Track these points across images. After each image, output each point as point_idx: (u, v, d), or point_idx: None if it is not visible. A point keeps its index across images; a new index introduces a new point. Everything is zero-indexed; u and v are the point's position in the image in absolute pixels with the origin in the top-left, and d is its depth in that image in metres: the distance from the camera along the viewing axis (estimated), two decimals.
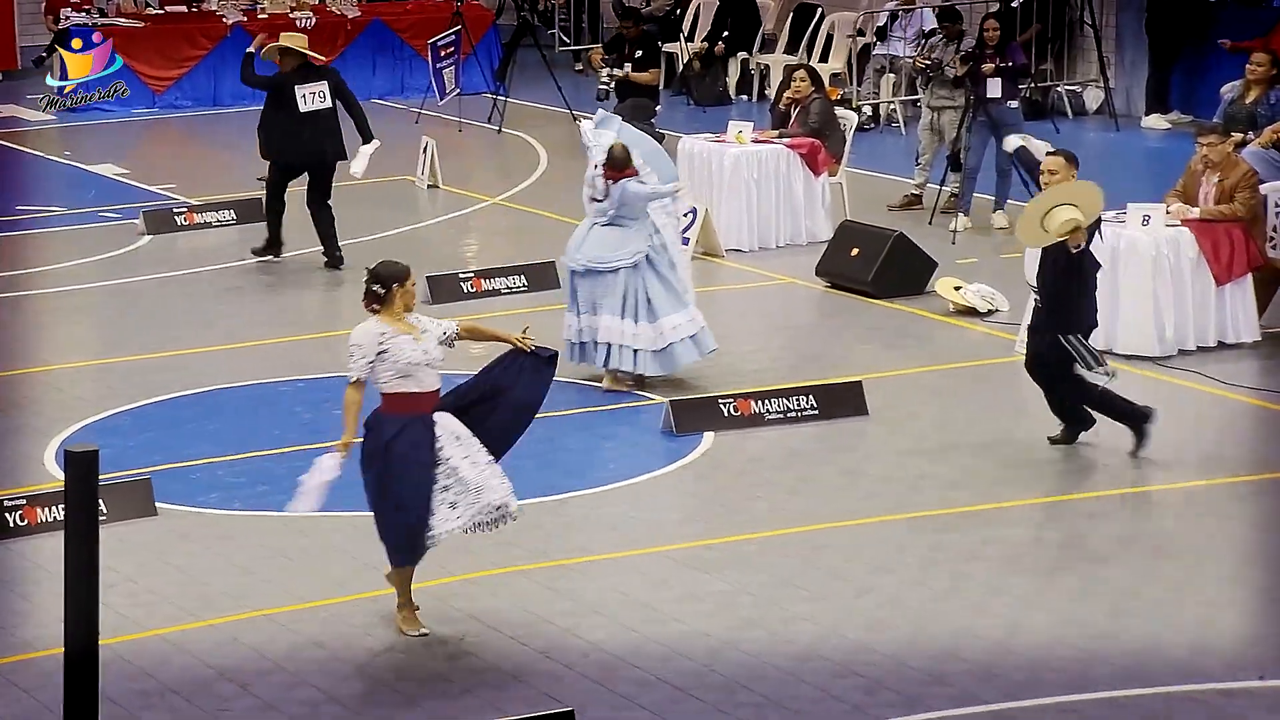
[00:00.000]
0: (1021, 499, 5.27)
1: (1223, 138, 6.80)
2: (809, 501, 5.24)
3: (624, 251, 6.05)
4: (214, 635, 4.40)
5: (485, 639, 4.38)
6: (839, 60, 11.43)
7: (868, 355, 6.66)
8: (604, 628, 4.43)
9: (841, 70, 11.27)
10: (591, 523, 4.98)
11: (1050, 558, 4.88)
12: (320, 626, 4.45)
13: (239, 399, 6.23)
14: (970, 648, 4.32)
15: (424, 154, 9.45)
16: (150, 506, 5.12)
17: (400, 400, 4.19)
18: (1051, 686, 4.12)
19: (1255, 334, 6.73)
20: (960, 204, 8.43)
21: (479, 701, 4.04)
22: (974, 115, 8.36)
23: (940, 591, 4.64)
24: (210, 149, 10.95)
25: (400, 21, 12.29)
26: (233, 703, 4.06)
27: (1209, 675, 4.14)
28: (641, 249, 6.06)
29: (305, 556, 4.88)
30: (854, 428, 5.86)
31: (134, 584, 4.67)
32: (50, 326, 7.25)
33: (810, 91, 8.40)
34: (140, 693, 4.09)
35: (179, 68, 11.80)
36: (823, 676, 4.16)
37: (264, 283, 7.77)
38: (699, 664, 4.23)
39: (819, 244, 7.92)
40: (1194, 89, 10.78)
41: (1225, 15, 10.82)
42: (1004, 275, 7.44)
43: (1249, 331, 6.72)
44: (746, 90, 11.88)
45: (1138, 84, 11.04)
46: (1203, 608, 4.54)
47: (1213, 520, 5.12)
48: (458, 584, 4.69)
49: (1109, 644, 4.33)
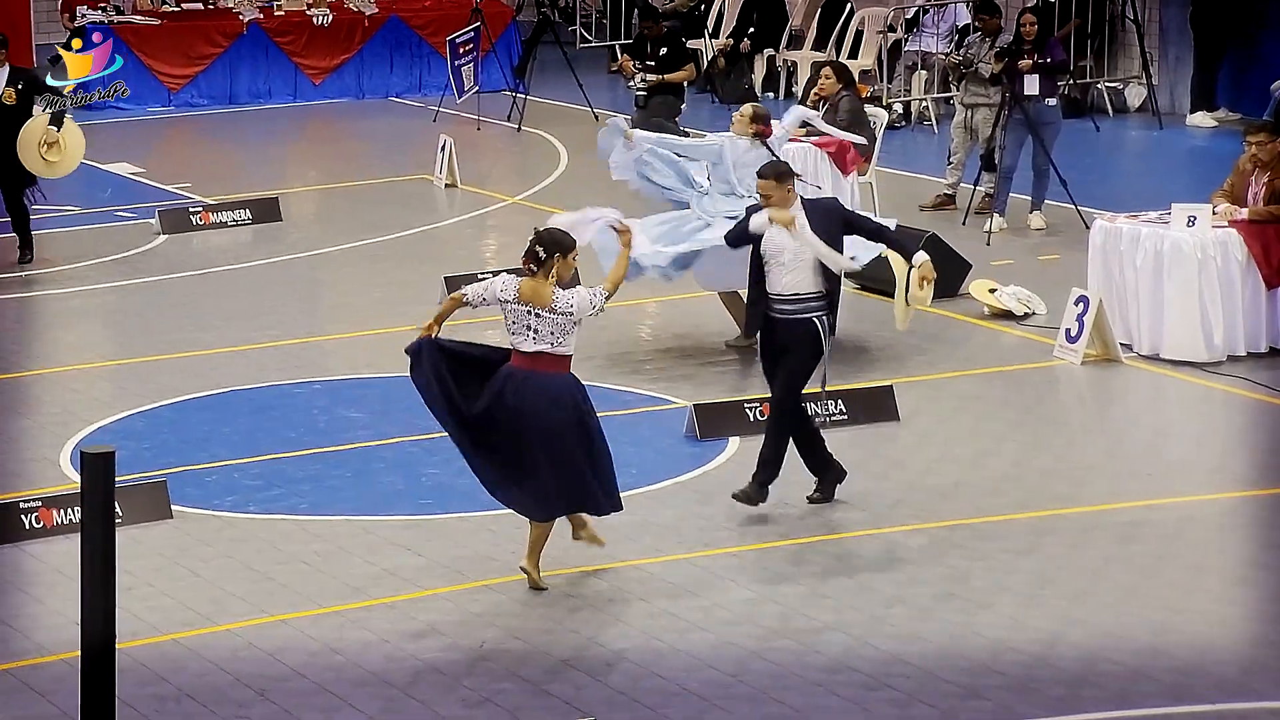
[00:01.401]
0: (1060, 508, 5.24)
1: (1273, 136, 6.76)
2: (837, 509, 5.23)
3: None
4: (230, 640, 4.43)
5: (506, 646, 4.39)
6: (869, 57, 11.42)
7: (899, 359, 6.64)
8: (627, 637, 4.43)
9: (871, 67, 11.26)
10: (614, 529, 4.98)
11: (1091, 569, 4.84)
12: (337, 632, 4.48)
13: (254, 401, 6.27)
14: (1006, 661, 4.30)
15: (442, 153, 9.49)
16: (166, 509, 5.17)
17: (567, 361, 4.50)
18: (1092, 703, 4.09)
19: None
20: (995, 204, 8.41)
21: (499, 711, 4.05)
22: (1010, 113, 8.32)
23: (975, 603, 4.61)
24: (226, 148, 11.05)
25: (418, 18, 12.33)
26: (249, 709, 4.10)
27: (1259, 694, 4.11)
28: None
29: (321, 561, 4.91)
30: (885, 433, 5.85)
31: (150, 587, 4.71)
32: (65, 326, 7.32)
33: (839, 88, 8.40)
34: (156, 697, 4.13)
35: (195, 66, 11.90)
36: (854, 689, 4.15)
37: (279, 284, 7.83)
38: (725, 674, 4.23)
39: None
40: (1242, 85, 10.70)
41: (1274, 9, 10.74)
42: (1041, 278, 7.42)
43: None
44: (773, 88, 11.88)
45: (1182, 81, 10.96)
46: (1251, 622, 4.51)
47: (1261, 531, 5.07)
48: (479, 589, 4.70)
49: (1153, 660, 4.30)
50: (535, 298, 4.35)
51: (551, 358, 4.40)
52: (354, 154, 10.72)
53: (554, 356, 4.40)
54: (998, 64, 8.41)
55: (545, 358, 4.39)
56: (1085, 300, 6.55)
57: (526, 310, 4.36)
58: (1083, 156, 9.57)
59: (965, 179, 8.69)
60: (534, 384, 4.38)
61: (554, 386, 4.41)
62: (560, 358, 4.43)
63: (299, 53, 12.09)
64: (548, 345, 4.38)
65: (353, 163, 10.33)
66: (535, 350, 4.38)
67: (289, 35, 12.13)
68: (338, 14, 12.19)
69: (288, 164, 10.66)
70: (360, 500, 5.34)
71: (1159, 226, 6.66)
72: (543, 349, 4.38)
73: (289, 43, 12.11)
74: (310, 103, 11.94)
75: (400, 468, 5.58)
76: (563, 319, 4.36)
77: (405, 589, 4.69)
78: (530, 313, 4.36)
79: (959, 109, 8.78)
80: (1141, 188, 9.02)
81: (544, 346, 4.38)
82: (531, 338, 4.36)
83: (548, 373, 4.39)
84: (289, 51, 12.08)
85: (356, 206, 8.50)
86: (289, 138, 11.33)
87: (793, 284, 4.99)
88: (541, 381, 4.38)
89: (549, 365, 4.39)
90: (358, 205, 8.46)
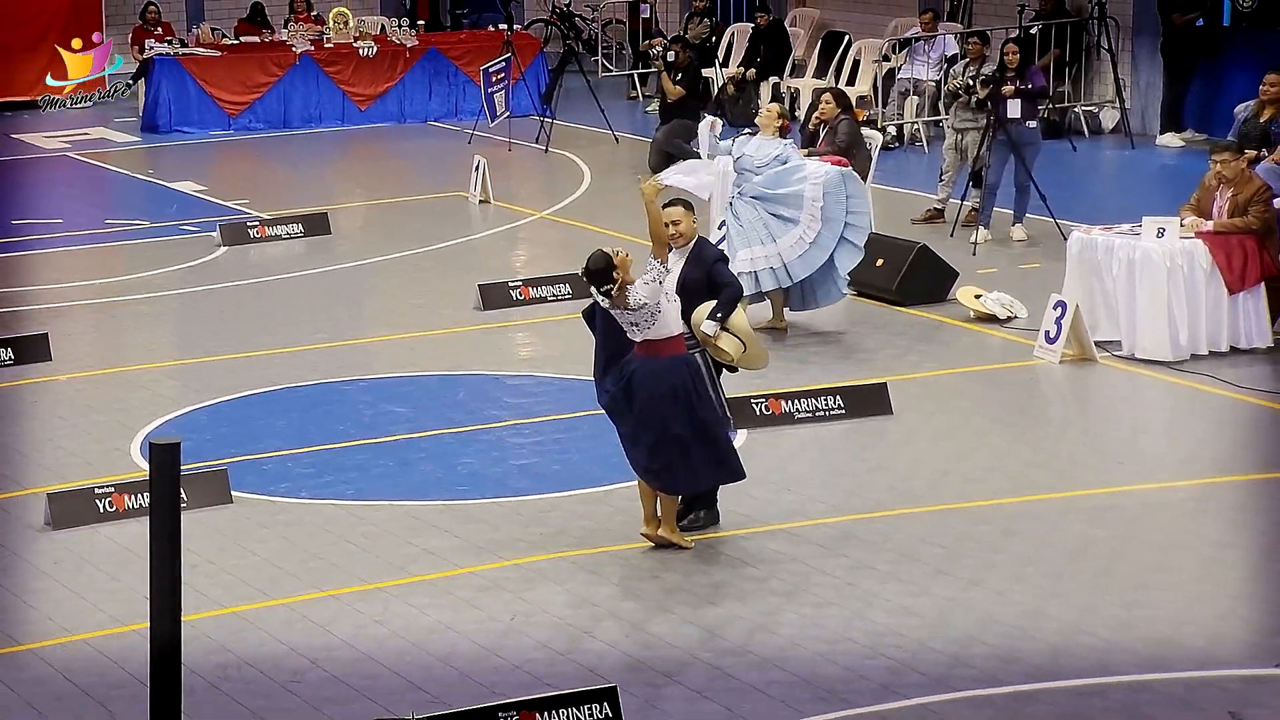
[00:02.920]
0: (1040, 494, 5.21)
1: (1236, 155, 6.71)
2: (836, 495, 5.22)
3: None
4: (285, 613, 4.45)
5: (533, 618, 4.39)
6: (865, 83, 11.39)
7: (892, 359, 6.63)
8: (644, 610, 4.43)
9: (867, 93, 11.23)
10: (631, 513, 4.98)
11: (1069, 550, 4.81)
12: (381, 606, 4.49)
13: (306, 397, 6.29)
14: (992, 633, 4.28)
15: (476, 171, 9.52)
16: (227, 495, 5.19)
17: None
18: (1071, 671, 4.06)
19: (1267, 340, 6.62)
20: (980, 218, 8.39)
21: (527, 677, 4.05)
22: (994, 135, 8.31)
23: (963, 581, 4.59)
24: (280, 167, 11.10)
25: (454, 49, 12.41)
26: (303, 675, 4.11)
27: (1229, 663, 4.07)
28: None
29: (367, 542, 4.92)
30: (879, 426, 5.83)
31: (212, 565, 4.73)
32: (136, 330, 7.35)
33: (837, 112, 8.38)
34: (219, 665, 4.15)
35: (252, 93, 11.97)
36: (852, 658, 4.14)
37: (329, 291, 7.85)
38: (734, 644, 4.22)
39: None
40: (1208, 109, 10.61)
41: (1237, 39, 10.65)
42: (1022, 284, 7.39)
43: (1261, 338, 6.62)
44: None
45: (1153, 104, 10.90)
46: (1221, 600, 4.46)
47: (1227, 514, 5.03)
48: (509, 568, 4.71)
49: (1128, 632, 4.27)
50: (618, 303, 4.65)
51: (657, 343, 4.63)
52: (396, 173, 10.74)
53: (659, 341, 4.62)
54: (983, 90, 8.40)
55: (653, 344, 4.66)
56: (1063, 305, 6.54)
57: (619, 313, 4.66)
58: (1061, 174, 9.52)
59: (954, 195, 8.66)
60: (649, 365, 4.66)
61: (664, 365, 4.63)
62: (666, 340, 4.64)
63: (346, 81, 12.16)
64: (650, 334, 4.62)
65: (395, 181, 10.35)
66: (642, 339, 4.64)
67: (337, 65, 12.19)
68: (382, 46, 12.26)
69: (336, 182, 10.69)
70: (402, 487, 5.34)
71: (1131, 237, 6.63)
72: (648, 337, 4.63)
73: (337, 72, 12.17)
74: (356, 126, 11.99)
75: (438, 458, 5.59)
76: (642, 312, 4.61)
77: (442, 567, 4.70)
78: (621, 314, 4.65)
79: (949, 132, 8.77)
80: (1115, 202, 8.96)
81: (648, 335, 4.62)
82: (635, 330, 4.66)
83: (660, 356, 4.63)
84: (337, 80, 12.16)
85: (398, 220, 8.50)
86: (337, 158, 11.39)
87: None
88: (654, 365, 4.65)
89: (659, 350, 4.63)
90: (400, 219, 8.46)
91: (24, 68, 12.53)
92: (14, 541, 4.95)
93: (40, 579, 4.69)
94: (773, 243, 6.63)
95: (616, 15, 14.05)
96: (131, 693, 3.91)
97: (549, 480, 5.34)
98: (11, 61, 12.52)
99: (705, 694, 3.98)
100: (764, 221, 6.64)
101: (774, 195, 6.62)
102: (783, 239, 6.65)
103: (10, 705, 3.91)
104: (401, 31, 12.52)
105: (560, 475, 5.38)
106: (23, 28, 12.58)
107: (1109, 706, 3.90)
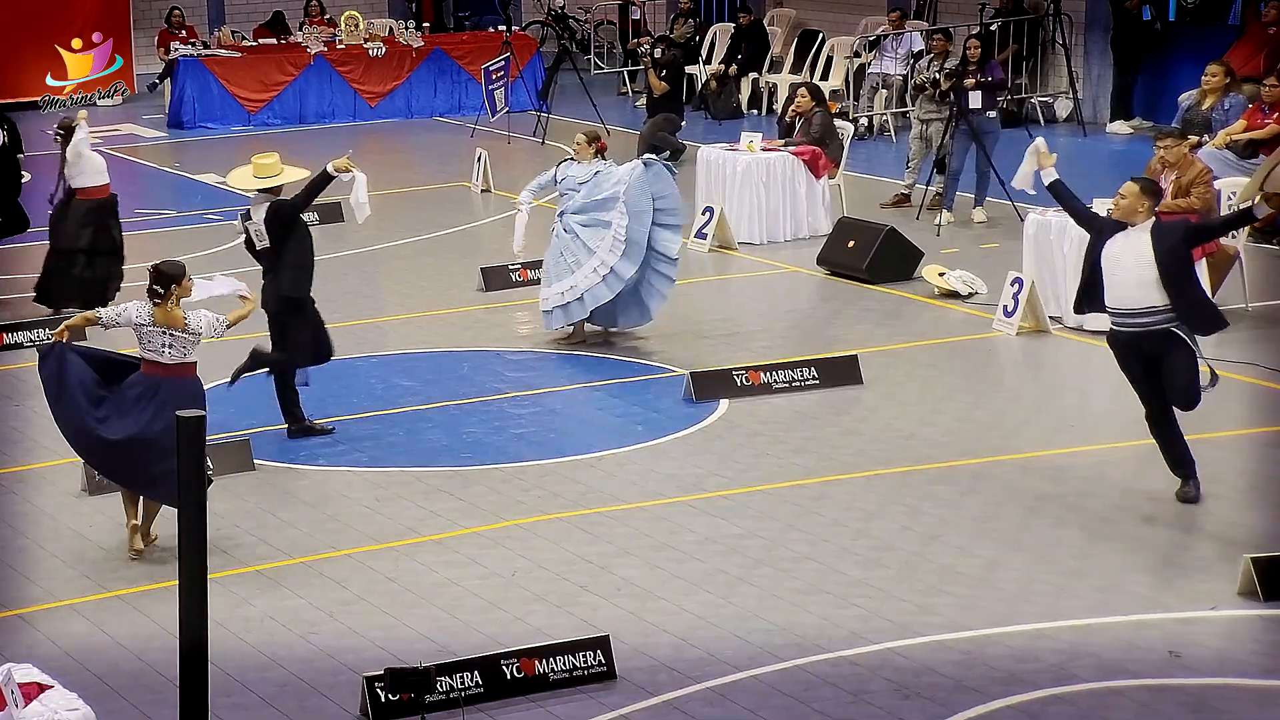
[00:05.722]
0: (999, 456, 5.23)
1: (1179, 140, 6.69)
2: (811, 458, 5.24)
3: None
4: (304, 571, 4.46)
5: (534, 574, 4.41)
6: (838, 78, 11.34)
7: (863, 333, 6.64)
8: (634, 566, 4.45)
9: (840, 87, 11.19)
10: (622, 477, 5.00)
11: (1025, 506, 4.83)
12: (393, 564, 4.50)
13: (322, 373, 6.26)
14: (954, 583, 4.30)
15: (478, 163, 9.50)
16: (249, 463, 5.20)
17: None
18: (1028, 616, 4.09)
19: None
20: (944, 202, 8.39)
21: (529, 628, 4.07)
22: (957, 125, 8.28)
23: (926, 536, 4.61)
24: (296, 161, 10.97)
25: (457, 50, 12.34)
26: (320, 627, 4.12)
27: (1168, 607, 4.11)
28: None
29: (379, 505, 4.93)
30: (850, 395, 5.85)
31: (236, 528, 4.74)
32: None
33: (812, 106, 8.38)
34: (243, 617, 4.17)
35: (270, 91, 11.90)
36: (825, 607, 4.17)
37: (343, 274, 7.81)
38: (716, 596, 4.24)
39: (820, 237, 7.91)
40: (1154, 98, 10.60)
41: (1181, 34, 10.61)
42: (982, 263, 7.38)
43: None
44: (757, 106, 11.84)
45: (1103, 95, 10.89)
46: (1161, 548, 4.50)
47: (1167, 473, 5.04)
48: (512, 528, 4.72)
49: (1080, 579, 4.30)
50: (169, 321, 4.44)
51: (183, 365, 4.49)
52: (404, 164, 10.67)
53: (185, 364, 4.50)
54: (946, 83, 8.36)
55: (178, 366, 4.47)
56: (1020, 281, 6.55)
57: (161, 331, 4.45)
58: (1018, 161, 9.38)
59: (919, 181, 8.64)
60: (170, 386, 4.43)
61: (188, 388, 4.48)
62: (190, 364, 4.52)
63: (357, 80, 12.09)
64: (181, 357, 4.47)
65: (403, 172, 10.30)
66: (171, 362, 4.45)
67: (349, 65, 12.11)
68: (390, 47, 12.19)
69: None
70: (411, 454, 5.35)
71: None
72: (177, 360, 4.44)
73: (349, 71, 12.10)
74: (367, 122, 11.93)
75: (444, 427, 5.60)
76: (193, 336, 4.46)
77: (449, 528, 4.71)
78: (164, 333, 4.45)
79: (915, 123, 8.75)
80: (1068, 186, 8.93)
81: (178, 358, 4.44)
82: (167, 353, 4.45)
83: (182, 378, 4.45)
84: (349, 79, 12.08)
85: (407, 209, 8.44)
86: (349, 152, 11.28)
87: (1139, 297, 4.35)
88: (176, 385, 4.45)
89: (182, 372, 4.46)
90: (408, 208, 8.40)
91: (32, 67, 12.31)
92: (53, 507, 4.96)
93: (78, 540, 4.70)
94: (576, 272, 6.33)
95: (608, 16, 13.99)
96: (163, 643, 3.94)
97: (546, 447, 5.36)
98: (19, 61, 12.27)
99: (690, 641, 4.00)
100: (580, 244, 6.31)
101: (594, 203, 6.44)
102: (578, 270, 6.30)
103: (51, 655, 3.92)
104: (408, 33, 12.43)
105: (556, 442, 5.40)
106: (47, 27, 12.34)
107: (1059, 648, 3.94)
